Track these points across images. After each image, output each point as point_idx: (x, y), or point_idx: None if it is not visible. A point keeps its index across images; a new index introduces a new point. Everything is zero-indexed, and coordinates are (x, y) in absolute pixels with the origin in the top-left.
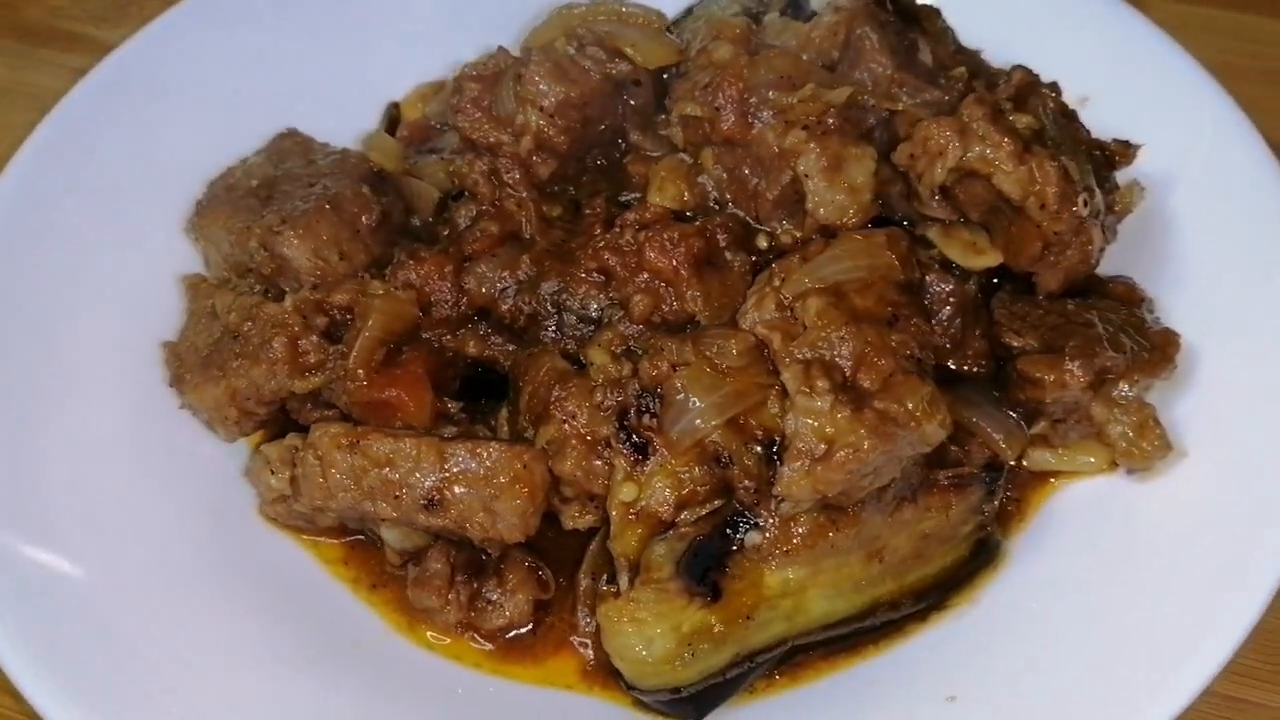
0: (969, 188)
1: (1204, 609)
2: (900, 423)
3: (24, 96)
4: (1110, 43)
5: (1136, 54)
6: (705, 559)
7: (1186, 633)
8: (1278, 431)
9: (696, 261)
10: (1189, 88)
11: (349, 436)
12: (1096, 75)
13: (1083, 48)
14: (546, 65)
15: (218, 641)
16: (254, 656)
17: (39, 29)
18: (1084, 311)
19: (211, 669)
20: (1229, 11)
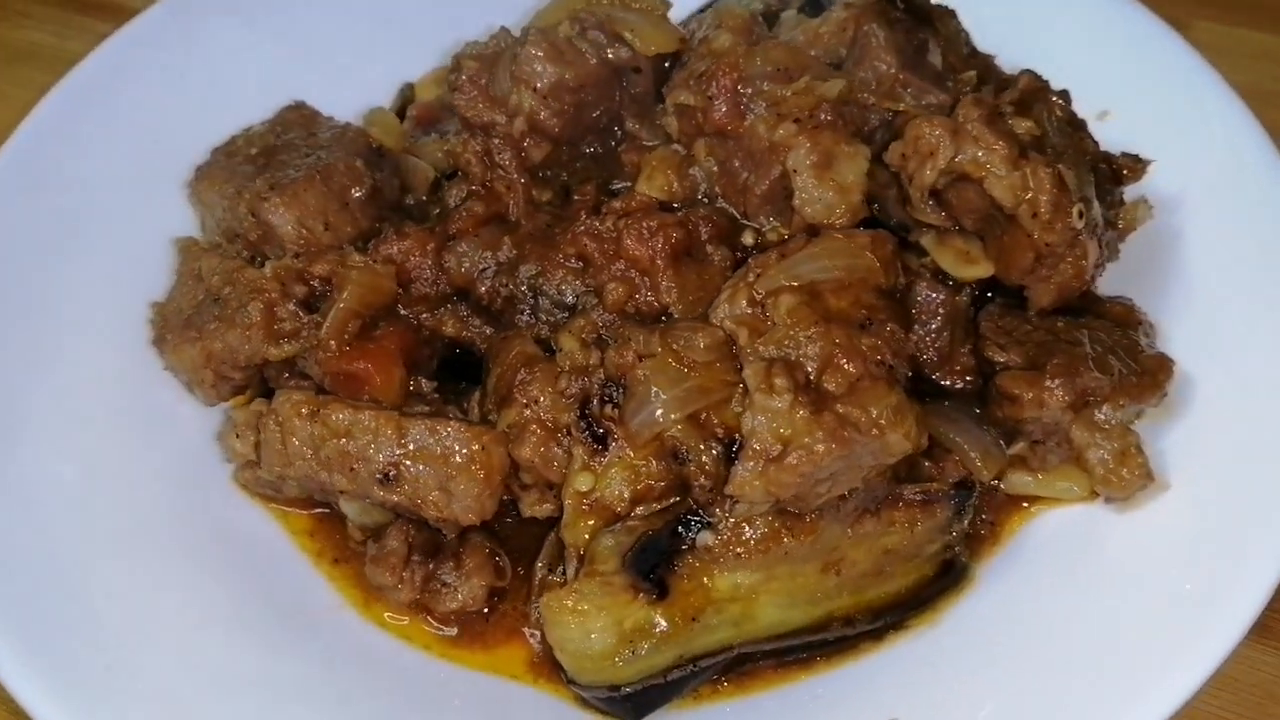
0: (961, 192)
1: (1167, 651)
2: (861, 429)
3: (59, 61)
4: (1138, 57)
5: (1164, 71)
6: (654, 555)
7: (1146, 675)
8: (1264, 471)
9: (674, 253)
10: (1215, 110)
11: (310, 405)
12: (1120, 89)
13: (1109, 60)
14: (543, 46)
15: (174, 601)
16: (206, 617)
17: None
18: (1074, 330)
19: (164, 627)
20: (1272, 35)
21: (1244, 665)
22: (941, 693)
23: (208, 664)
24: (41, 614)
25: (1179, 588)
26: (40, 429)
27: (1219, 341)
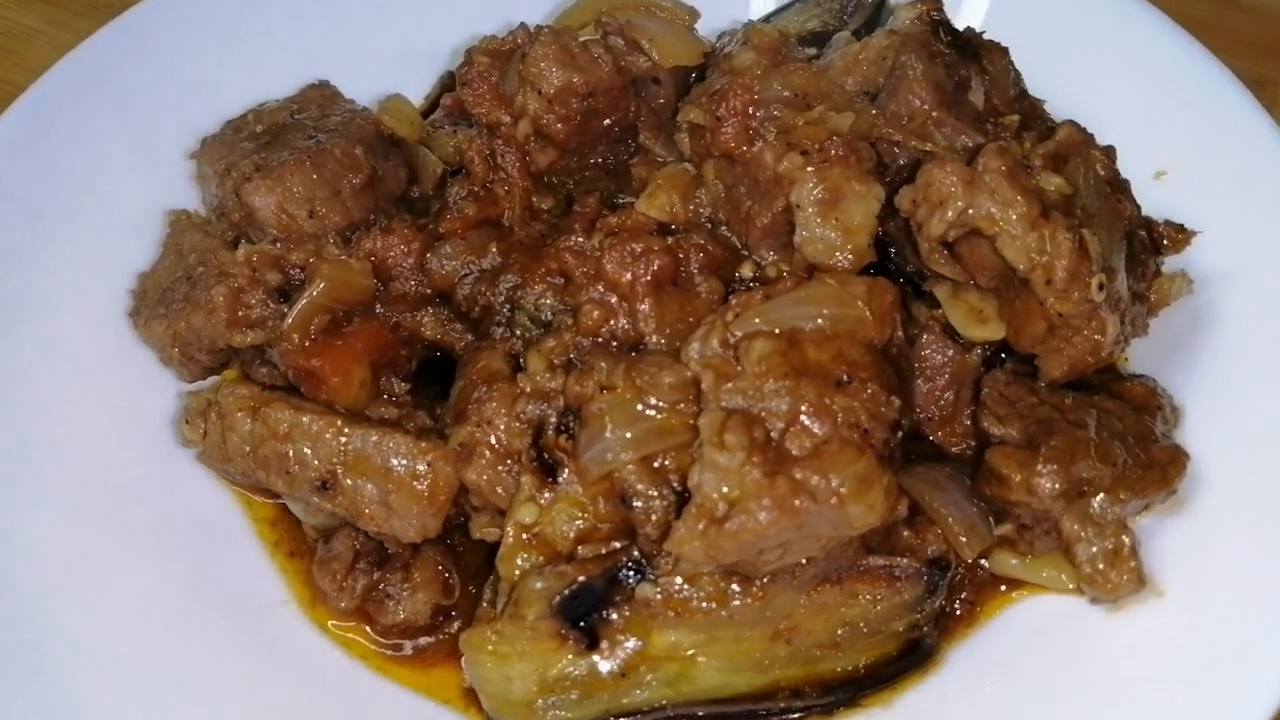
0: (975, 247)
1: None
2: (818, 498)
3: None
4: (1205, 116)
5: (1231, 134)
6: (587, 603)
7: None
8: (1268, 588)
9: (657, 281)
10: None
11: (254, 401)
12: (1181, 148)
13: (1174, 115)
14: (552, 48)
15: (120, 573)
16: (148, 593)
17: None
18: (1083, 408)
19: (103, 599)
20: None
21: None
22: None
23: (136, 641)
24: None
25: (1162, 708)
26: (16, 388)
27: (1246, 437)
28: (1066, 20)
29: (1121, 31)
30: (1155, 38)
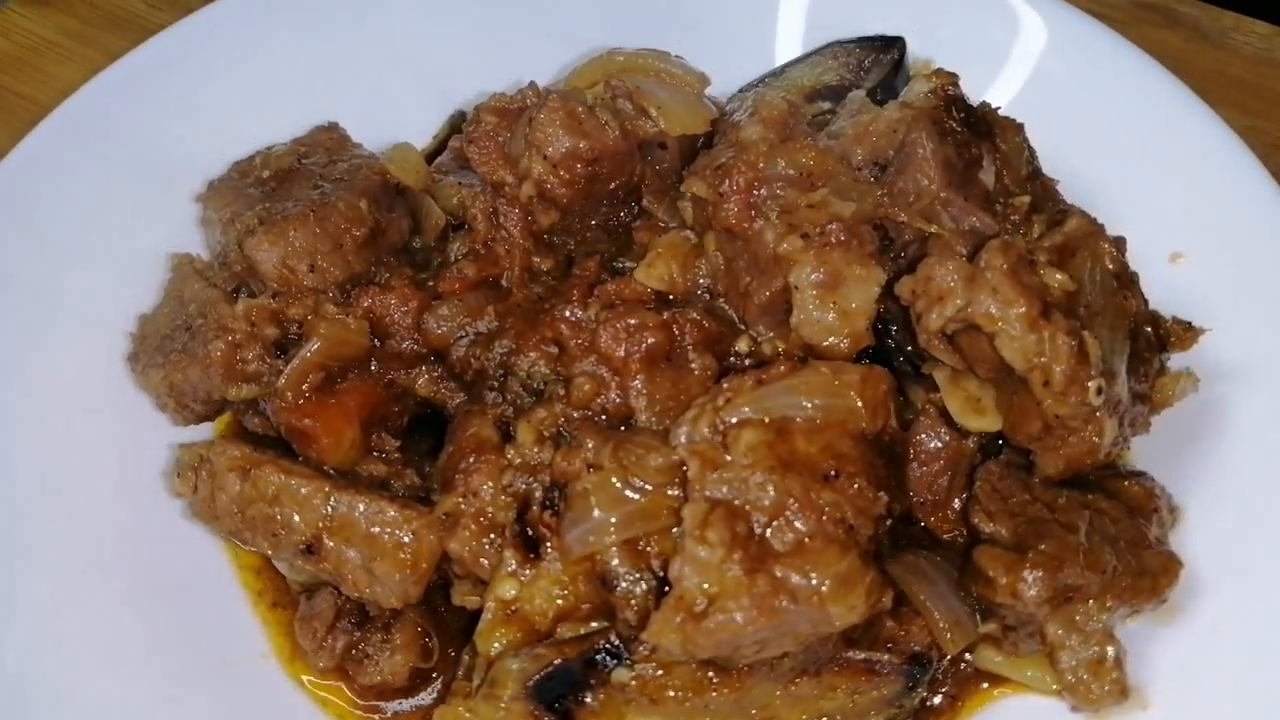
0: (973, 341)
1: None
2: (799, 598)
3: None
4: (1226, 200)
5: (1251, 221)
6: (563, 684)
7: None
8: (1254, 706)
9: (650, 357)
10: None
11: (245, 463)
12: (1199, 232)
13: (1193, 197)
14: (559, 113)
15: (103, 620)
16: (129, 639)
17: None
18: (1076, 509)
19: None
20: None
21: None
22: None
23: (115, 689)
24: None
25: None
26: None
27: (1247, 545)
28: (1088, 96)
29: (1145, 109)
30: (1179, 117)
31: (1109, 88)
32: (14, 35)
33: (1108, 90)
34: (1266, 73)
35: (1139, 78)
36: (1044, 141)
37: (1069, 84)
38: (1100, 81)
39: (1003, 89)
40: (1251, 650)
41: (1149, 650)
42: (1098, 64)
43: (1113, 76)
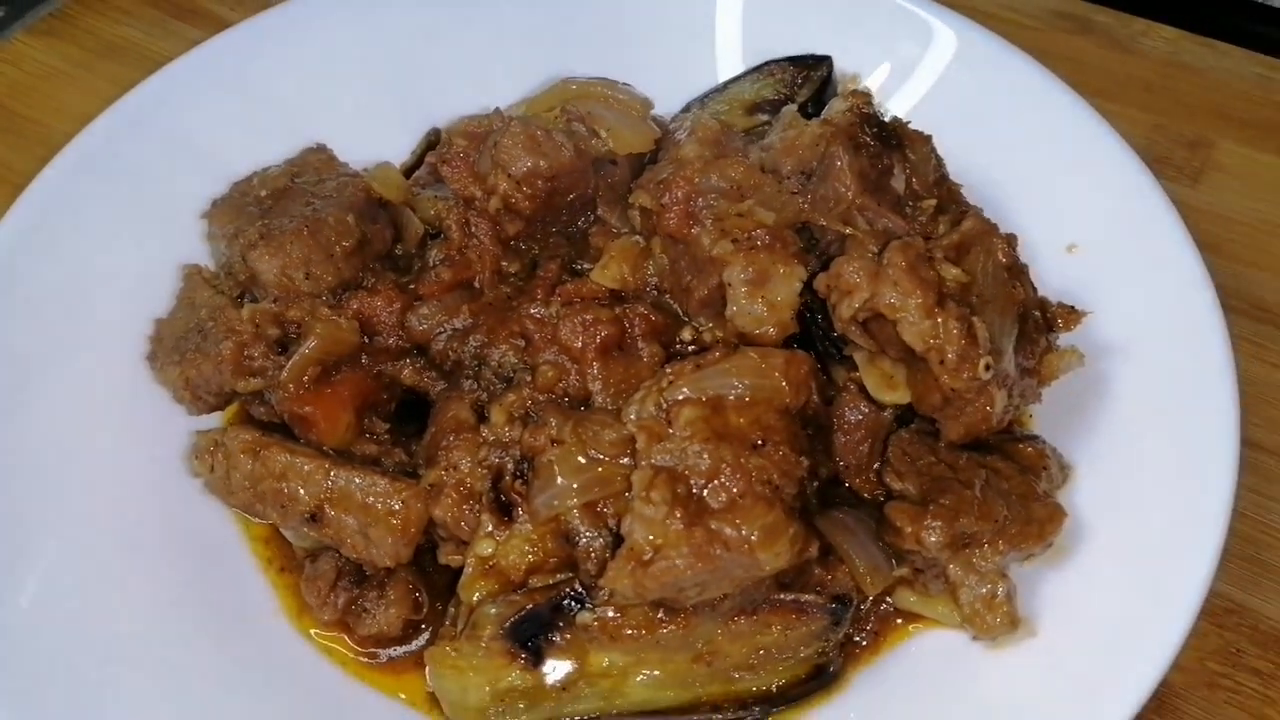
0: (882, 326)
1: None
2: (731, 546)
3: (145, 59)
4: (1113, 197)
5: (1134, 217)
6: (534, 626)
7: None
8: (1130, 633)
9: (604, 347)
10: (1174, 264)
11: (256, 445)
12: (1095, 227)
13: (1086, 194)
14: (520, 136)
15: (132, 584)
16: (156, 601)
17: (180, 2)
18: (974, 468)
19: (116, 608)
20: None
21: None
22: None
23: (144, 645)
24: None
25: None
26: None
27: (1125, 497)
28: (992, 106)
29: (1043, 117)
30: (1073, 123)
31: (1011, 98)
32: (22, 64)
33: (1009, 100)
34: (1173, 74)
35: (1038, 88)
36: (952, 148)
37: (975, 95)
38: (1003, 92)
39: (916, 99)
40: (1123, 586)
41: (1040, 588)
42: (1000, 77)
43: (1014, 88)
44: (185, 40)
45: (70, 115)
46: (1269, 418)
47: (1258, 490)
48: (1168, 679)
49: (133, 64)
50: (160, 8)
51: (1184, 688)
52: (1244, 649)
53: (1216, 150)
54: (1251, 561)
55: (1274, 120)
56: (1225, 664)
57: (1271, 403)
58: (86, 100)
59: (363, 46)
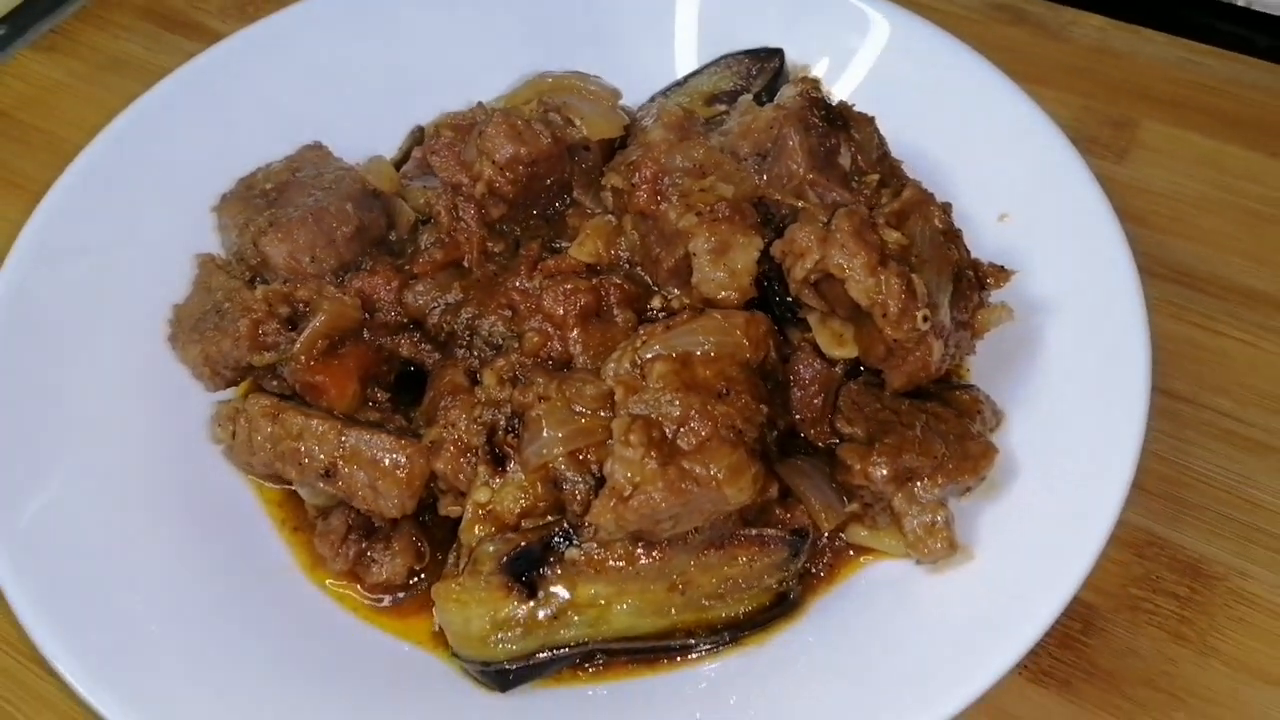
0: (832, 287)
1: (952, 675)
2: (701, 482)
3: (146, 71)
4: (1041, 172)
5: (1061, 189)
6: (528, 562)
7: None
8: (1053, 555)
9: (583, 314)
10: (1095, 229)
11: (274, 409)
12: (1023, 197)
13: (1017, 170)
14: (503, 126)
15: (159, 542)
16: (182, 555)
17: (177, 17)
18: (915, 412)
19: (148, 559)
20: (1218, 142)
21: (1034, 708)
22: (757, 701)
23: (174, 594)
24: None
25: (969, 633)
26: (82, 398)
27: (1050, 438)
28: (931, 86)
29: (975, 101)
30: (1003, 102)
31: (946, 82)
32: (29, 78)
33: (945, 84)
34: (1100, 59)
35: (972, 72)
36: (893, 129)
37: (914, 80)
38: (939, 77)
39: (859, 85)
40: (1048, 515)
41: (976, 520)
42: (937, 62)
43: (949, 73)
44: (182, 52)
45: (77, 124)
46: (1188, 371)
47: (1176, 435)
48: (1095, 603)
49: (134, 76)
50: (156, 22)
51: (1110, 611)
52: (1163, 576)
53: (1141, 129)
54: (1170, 499)
55: (1195, 100)
56: (1146, 589)
57: (1190, 358)
58: (92, 110)
59: (351, 52)
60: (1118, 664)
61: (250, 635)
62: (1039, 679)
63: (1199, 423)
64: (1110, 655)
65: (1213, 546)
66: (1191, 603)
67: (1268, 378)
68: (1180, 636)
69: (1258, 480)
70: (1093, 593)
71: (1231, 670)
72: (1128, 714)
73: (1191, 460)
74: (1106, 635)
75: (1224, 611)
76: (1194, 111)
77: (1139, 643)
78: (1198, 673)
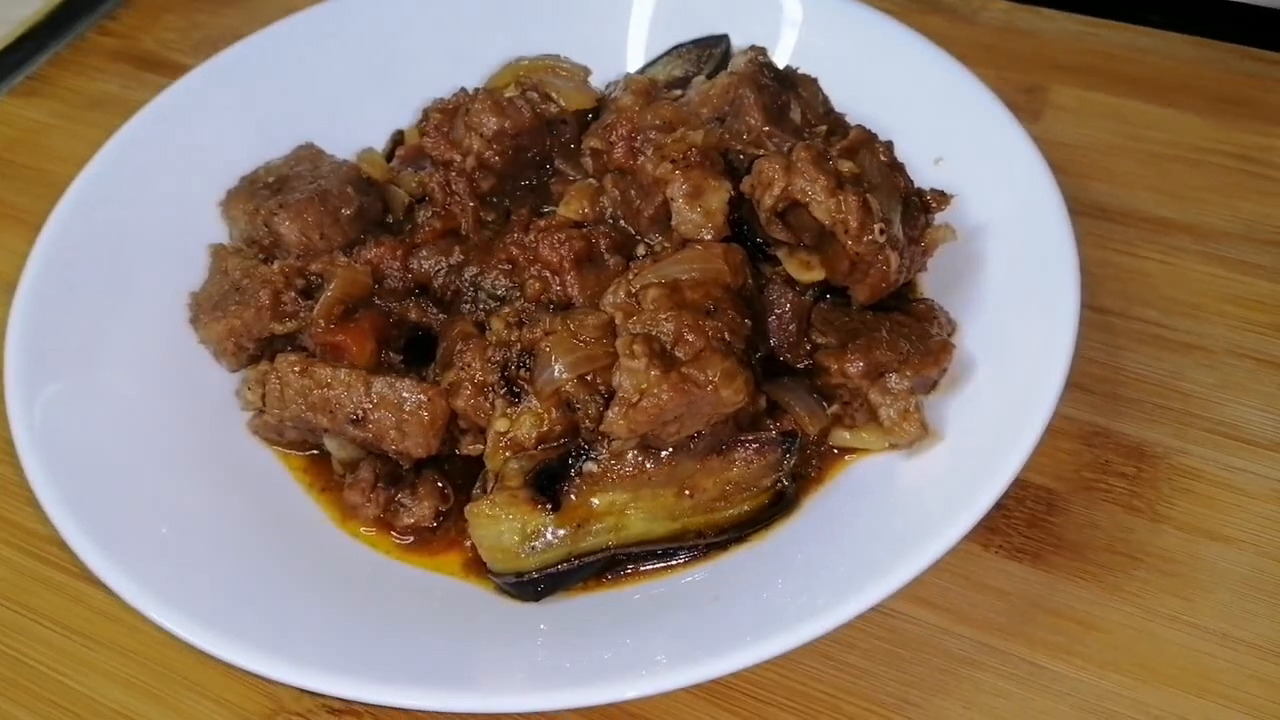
0: (799, 216)
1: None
2: (699, 385)
3: (125, 107)
4: (970, 118)
5: (987, 132)
6: (550, 477)
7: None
8: (1008, 431)
9: (578, 258)
10: (1020, 159)
11: (301, 364)
12: (952, 142)
13: (946, 120)
14: (488, 103)
15: (206, 509)
16: (228, 522)
17: (150, 58)
18: (881, 320)
19: (197, 523)
20: (1120, 98)
21: (1013, 580)
22: (763, 584)
23: (229, 553)
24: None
25: (940, 505)
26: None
27: (998, 338)
28: (865, 55)
29: (908, 61)
30: (932, 63)
31: (875, 49)
32: (13, 122)
33: (875, 51)
34: (1008, 37)
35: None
36: (832, 93)
37: (848, 49)
38: (868, 45)
39: (800, 58)
40: (1002, 401)
41: (944, 410)
42: (865, 32)
43: (878, 41)
44: (158, 89)
45: (67, 159)
46: (1115, 290)
47: (1110, 344)
48: (1054, 488)
49: (115, 112)
50: (130, 63)
51: (1068, 493)
52: (1111, 459)
53: (1052, 93)
54: (1110, 396)
55: (1096, 65)
56: (1098, 472)
57: (1116, 278)
58: (80, 146)
59: (331, 61)
60: (1081, 536)
61: (297, 578)
62: (1015, 555)
63: (1129, 332)
64: (1074, 529)
65: (1152, 432)
66: (1139, 479)
67: (1185, 290)
68: (1133, 509)
69: (1186, 374)
70: (1051, 479)
71: (1183, 532)
72: (1095, 576)
73: (1126, 363)
74: (1068, 514)
75: (1169, 484)
76: (1097, 75)
77: (1097, 517)
78: (1152, 537)
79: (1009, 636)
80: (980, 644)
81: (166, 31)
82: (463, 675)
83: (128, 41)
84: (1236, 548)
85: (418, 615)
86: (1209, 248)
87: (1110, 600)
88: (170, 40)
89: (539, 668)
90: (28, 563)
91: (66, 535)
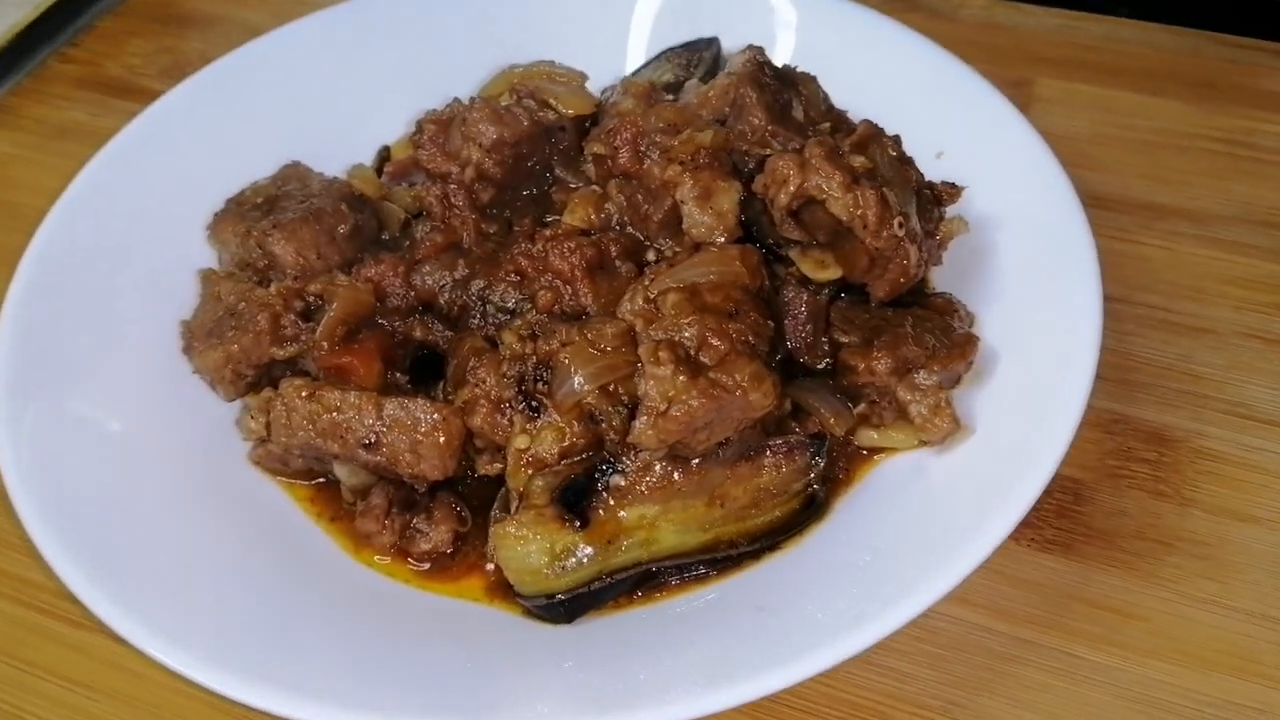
0: (813, 213)
1: (960, 549)
2: (728, 390)
3: (94, 135)
4: (971, 112)
5: (989, 124)
6: (577, 493)
7: (951, 552)
8: (1039, 423)
9: (589, 266)
10: (1026, 151)
11: (309, 389)
12: (955, 136)
13: (949, 114)
14: (485, 111)
15: (211, 546)
16: (235, 558)
17: (117, 84)
18: (902, 316)
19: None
20: (1105, 89)
21: (1046, 572)
22: (803, 593)
23: (238, 591)
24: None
25: (977, 502)
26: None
27: (1018, 328)
28: (859, 53)
29: (902, 56)
30: (927, 57)
31: (870, 46)
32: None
33: (873, 47)
34: (989, 33)
35: (890, 35)
36: (832, 91)
37: (842, 47)
38: (866, 43)
39: (797, 58)
40: (1027, 390)
41: (972, 403)
42: (862, 33)
43: (876, 39)
44: (128, 115)
45: (35, 190)
46: (1117, 277)
47: (1119, 330)
48: (1080, 477)
49: (84, 140)
50: (96, 90)
51: (1094, 481)
52: (1133, 446)
53: (1037, 85)
54: (1125, 383)
55: (1078, 57)
56: (1121, 459)
57: (1116, 265)
58: (48, 176)
59: (313, 79)
60: (1110, 524)
61: (313, 612)
62: (1046, 548)
63: (1135, 318)
64: (1102, 517)
65: (1170, 416)
66: (1163, 464)
67: (1186, 274)
68: (1160, 494)
69: (1196, 357)
70: (1077, 469)
71: (1211, 515)
72: (1127, 563)
73: (1136, 349)
74: (1096, 503)
75: (1192, 467)
76: (1080, 67)
77: (1125, 504)
78: (1181, 521)
79: (1047, 630)
80: (1019, 639)
81: (133, 57)
82: (494, 704)
83: (92, 68)
84: (1266, 528)
85: (442, 644)
86: (1206, 231)
87: (1145, 587)
88: (137, 66)
89: (573, 693)
90: (25, 614)
91: (66, 579)
